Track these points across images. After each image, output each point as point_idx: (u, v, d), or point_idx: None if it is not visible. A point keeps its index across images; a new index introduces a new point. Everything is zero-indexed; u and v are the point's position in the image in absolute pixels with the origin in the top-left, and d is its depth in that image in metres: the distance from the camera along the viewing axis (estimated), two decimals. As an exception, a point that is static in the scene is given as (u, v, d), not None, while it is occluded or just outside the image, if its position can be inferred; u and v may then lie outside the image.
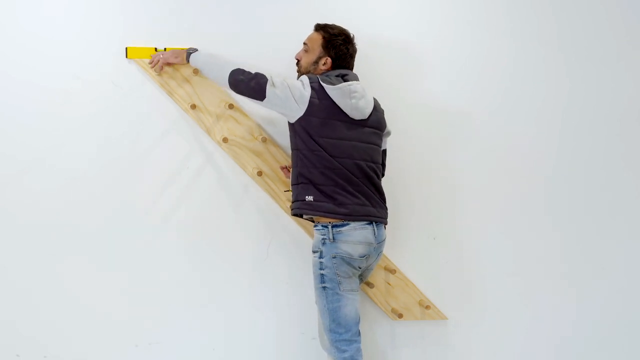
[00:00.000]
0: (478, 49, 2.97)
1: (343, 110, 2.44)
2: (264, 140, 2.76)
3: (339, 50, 2.54)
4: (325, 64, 2.54)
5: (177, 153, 2.75)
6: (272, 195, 2.78)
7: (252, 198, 2.80)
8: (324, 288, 2.43)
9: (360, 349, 2.46)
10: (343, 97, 2.44)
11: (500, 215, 2.99)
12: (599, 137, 3.06)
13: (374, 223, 2.47)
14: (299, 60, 2.60)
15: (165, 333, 2.76)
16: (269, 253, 2.82)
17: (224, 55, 2.67)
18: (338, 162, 2.42)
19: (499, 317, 2.99)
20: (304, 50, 2.58)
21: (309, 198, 2.43)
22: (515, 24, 3.00)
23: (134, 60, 2.70)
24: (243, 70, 2.47)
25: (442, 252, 2.94)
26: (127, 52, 2.69)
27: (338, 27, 2.57)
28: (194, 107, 2.71)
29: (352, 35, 2.59)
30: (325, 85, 2.43)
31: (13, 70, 2.65)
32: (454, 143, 2.96)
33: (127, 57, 2.70)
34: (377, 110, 2.57)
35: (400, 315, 2.82)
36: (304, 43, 2.59)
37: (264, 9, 2.80)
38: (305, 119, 2.42)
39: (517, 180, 2.99)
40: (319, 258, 2.43)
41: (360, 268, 2.49)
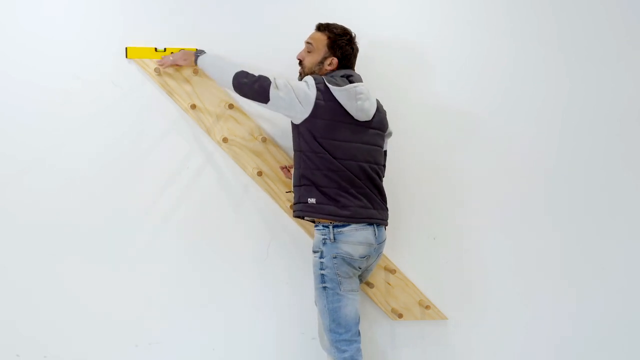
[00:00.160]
0: (478, 49, 2.97)
1: (348, 112, 2.42)
2: (264, 140, 2.76)
3: (345, 51, 2.52)
4: (331, 64, 2.52)
5: (177, 153, 2.75)
6: (272, 196, 2.78)
7: (252, 198, 2.80)
8: (325, 288, 2.42)
9: (360, 349, 2.45)
10: (349, 99, 2.42)
11: (500, 215, 2.99)
12: (599, 137, 3.06)
13: (375, 224, 2.47)
14: (302, 61, 2.57)
15: (165, 333, 2.76)
16: (269, 253, 2.82)
17: (230, 58, 2.66)
18: (341, 164, 2.41)
19: (499, 317, 2.99)
20: (307, 51, 2.55)
21: (312, 200, 2.42)
22: (515, 24, 3.00)
23: (134, 60, 2.70)
24: (247, 73, 2.44)
25: (442, 252, 2.94)
26: (127, 52, 2.69)
27: (340, 26, 2.55)
28: (194, 107, 2.71)
29: (354, 35, 2.58)
30: (332, 87, 2.40)
31: (13, 70, 2.65)
32: (454, 143, 2.95)
33: (127, 57, 2.69)
34: (379, 112, 2.56)
35: (400, 315, 2.82)
36: (307, 43, 2.55)
37: (264, 9, 2.80)
38: (311, 121, 2.40)
39: (517, 180, 2.99)
40: (320, 258, 2.43)
41: (361, 268, 2.49)
